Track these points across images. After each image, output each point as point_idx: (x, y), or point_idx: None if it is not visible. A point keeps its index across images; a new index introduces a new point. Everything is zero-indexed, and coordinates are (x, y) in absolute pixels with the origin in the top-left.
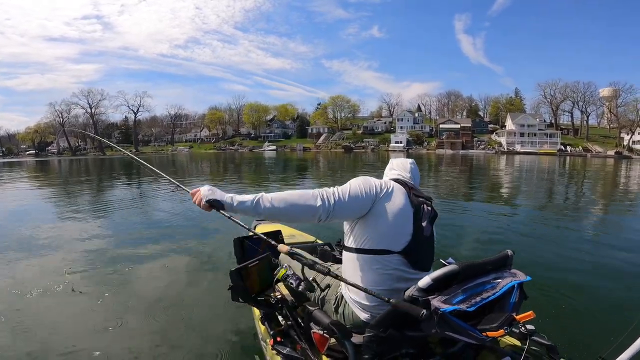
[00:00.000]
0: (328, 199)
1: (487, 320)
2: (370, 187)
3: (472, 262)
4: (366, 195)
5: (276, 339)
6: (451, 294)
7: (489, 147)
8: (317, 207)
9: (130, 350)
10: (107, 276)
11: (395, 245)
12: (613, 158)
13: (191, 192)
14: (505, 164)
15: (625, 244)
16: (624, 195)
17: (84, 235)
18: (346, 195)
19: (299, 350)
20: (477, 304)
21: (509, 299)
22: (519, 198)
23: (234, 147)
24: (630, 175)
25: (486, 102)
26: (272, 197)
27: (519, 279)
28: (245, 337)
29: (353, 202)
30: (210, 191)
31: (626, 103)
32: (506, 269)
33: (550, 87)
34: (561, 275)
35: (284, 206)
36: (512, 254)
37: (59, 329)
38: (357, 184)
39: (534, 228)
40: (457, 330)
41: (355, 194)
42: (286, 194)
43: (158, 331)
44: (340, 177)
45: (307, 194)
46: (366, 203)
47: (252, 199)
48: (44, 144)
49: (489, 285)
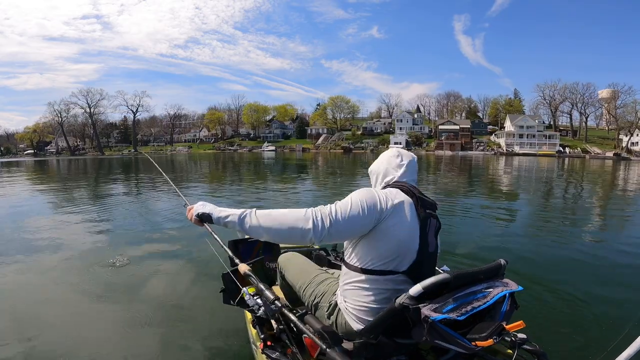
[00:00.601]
0: (322, 222)
1: (476, 329)
2: (375, 204)
3: (464, 271)
4: (369, 214)
5: (266, 342)
6: (442, 302)
7: (488, 148)
8: (306, 230)
9: (118, 351)
10: (99, 278)
11: (401, 266)
12: (612, 159)
13: (188, 207)
14: (504, 165)
15: (617, 253)
16: (620, 199)
17: (79, 236)
18: (345, 216)
19: (290, 355)
20: (467, 312)
21: (500, 308)
22: (517, 201)
23: (233, 148)
24: (628, 177)
25: (485, 103)
26: (259, 214)
27: (510, 289)
28: (235, 341)
29: (352, 223)
30: (202, 205)
31: (625, 104)
32: (498, 278)
33: (549, 89)
34: (553, 283)
35: (270, 225)
36: (505, 263)
37: (54, 330)
38: (358, 201)
39: (528, 233)
40: (446, 339)
41: (356, 214)
42: (276, 211)
43: (147, 333)
44: (339, 178)
45: (298, 214)
46: (368, 223)
47: (239, 214)
48: (42, 144)
49: (480, 294)
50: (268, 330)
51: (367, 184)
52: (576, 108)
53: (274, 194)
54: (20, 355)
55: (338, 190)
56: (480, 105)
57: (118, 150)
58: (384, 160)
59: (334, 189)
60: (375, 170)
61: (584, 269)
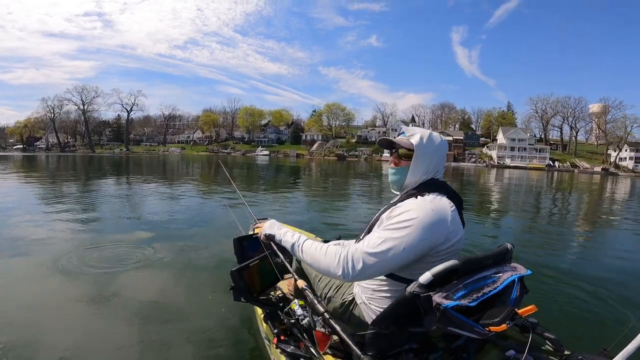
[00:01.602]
0: (352, 268)
1: (489, 315)
2: (441, 231)
3: (472, 257)
4: (424, 246)
5: (280, 337)
6: (452, 289)
7: (480, 160)
8: (336, 274)
9: (131, 352)
10: (103, 277)
11: None
12: (600, 174)
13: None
14: (495, 178)
15: (623, 251)
16: (616, 210)
17: (74, 234)
18: (388, 256)
19: (303, 348)
20: (478, 298)
21: (510, 293)
22: (509, 212)
23: (226, 151)
24: (615, 190)
25: (479, 115)
26: (305, 247)
27: (519, 273)
28: (247, 337)
29: (394, 261)
30: (269, 225)
31: (615, 119)
32: (506, 263)
33: (542, 102)
34: (562, 268)
35: (310, 262)
36: (511, 247)
37: (56, 333)
38: (419, 234)
39: (534, 227)
40: (459, 326)
41: (407, 254)
42: (316, 247)
43: (159, 333)
44: (332, 185)
45: (330, 255)
46: (423, 252)
47: (292, 243)
48: (32, 139)
49: (490, 279)
50: (280, 325)
51: (356, 188)
52: (567, 122)
53: (265, 196)
54: (20, 356)
55: (330, 196)
56: (474, 117)
57: (109, 149)
58: (437, 143)
59: (326, 192)
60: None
61: (590, 257)
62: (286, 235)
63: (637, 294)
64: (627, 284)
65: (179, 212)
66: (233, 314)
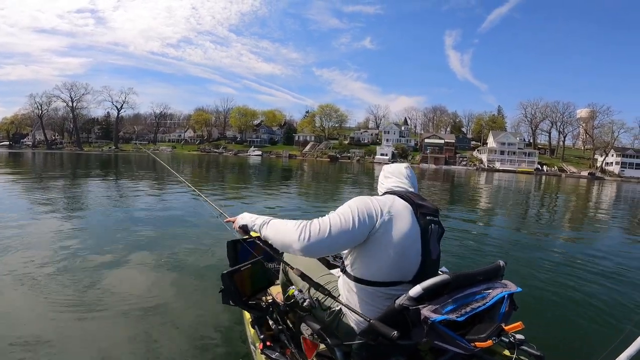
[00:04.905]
0: (308, 235)
1: (476, 330)
2: (370, 212)
3: (463, 272)
4: (362, 224)
5: (266, 343)
6: (441, 303)
7: (470, 163)
8: (293, 242)
9: (113, 353)
10: (88, 279)
11: (404, 277)
12: (586, 178)
13: (227, 219)
14: (485, 181)
15: (611, 256)
16: (603, 214)
17: (64, 235)
18: (336, 229)
19: (288, 355)
20: (467, 313)
21: (499, 309)
22: (499, 214)
23: (218, 150)
24: (601, 196)
25: (469, 119)
26: (271, 224)
27: (509, 290)
28: (234, 341)
29: (342, 235)
30: (242, 217)
31: (602, 124)
32: (497, 280)
33: (531, 106)
34: (551, 285)
35: (272, 235)
36: (504, 264)
37: (42, 337)
38: (350, 210)
39: (521, 239)
40: (446, 340)
41: (347, 224)
42: (280, 222)
43: (144, 333)
44: (324, 185)
45: (291, 227)
46: (361, 233)
47: (262, 223)
48: (19, 136)
49: (480, 295)
50: (267, 331)
51: (350, 189)
52: (555, 127)
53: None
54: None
55: (322, 196)
56: (465, 121)
57: (98, 147)
58: (395, 167)
59: (318, 193)
60: (384, 174)
61: (577, 273)
62: (257, 220)
63: (621, 312)
64: (613, 302)
65: (160, 210)
66: (222, 317)
